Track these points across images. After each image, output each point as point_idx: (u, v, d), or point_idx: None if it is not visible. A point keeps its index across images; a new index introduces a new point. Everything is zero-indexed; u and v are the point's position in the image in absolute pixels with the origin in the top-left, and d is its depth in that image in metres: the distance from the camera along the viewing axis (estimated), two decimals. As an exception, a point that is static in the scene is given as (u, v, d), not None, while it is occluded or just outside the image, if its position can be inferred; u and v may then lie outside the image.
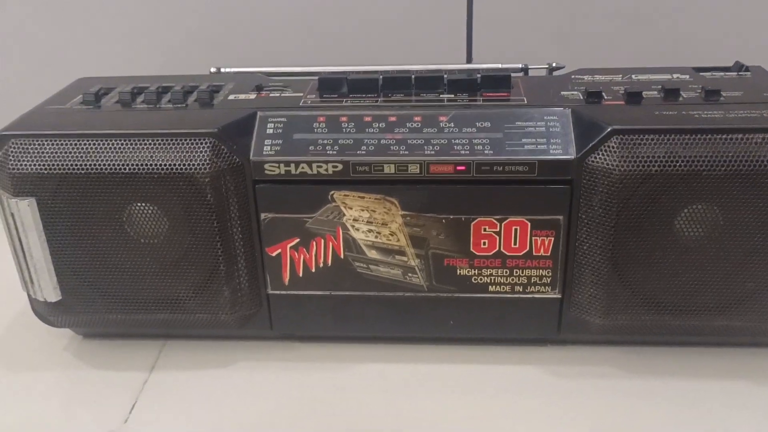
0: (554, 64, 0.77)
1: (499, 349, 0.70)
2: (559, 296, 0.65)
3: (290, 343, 0.72)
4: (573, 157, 0.60)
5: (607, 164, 0.59)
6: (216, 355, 0.71)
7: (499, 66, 0.76)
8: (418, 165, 0.61)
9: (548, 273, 0.64)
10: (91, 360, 0.71)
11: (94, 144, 0.63)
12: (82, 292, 0.67)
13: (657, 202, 0.60)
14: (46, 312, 0.69)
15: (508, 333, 0.69)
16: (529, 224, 0.63)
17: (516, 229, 0.63)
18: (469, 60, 0.89)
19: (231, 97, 0.69)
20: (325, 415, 0.63)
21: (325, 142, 0.63)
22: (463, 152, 0.61)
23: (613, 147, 0.59)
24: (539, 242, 0.63)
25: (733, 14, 0.91)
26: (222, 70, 0.79)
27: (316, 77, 0.70)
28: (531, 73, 0.76)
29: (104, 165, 0.62)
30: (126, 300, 0.68)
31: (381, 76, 0.68)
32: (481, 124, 0.63)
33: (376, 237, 0.64)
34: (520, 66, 0.76)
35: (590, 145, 0.60)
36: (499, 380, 0.66)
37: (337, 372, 0.68)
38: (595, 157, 0.59)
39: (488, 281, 0.65)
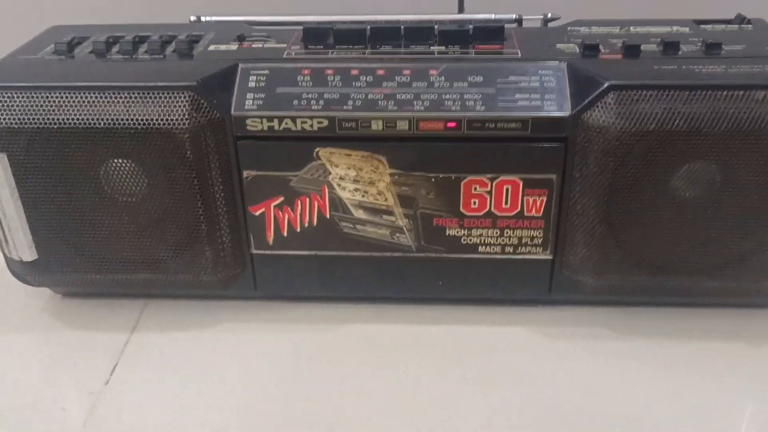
0: (549, 15, 0.73)
1: (489, 310, 0.68)
2: (550, 257, 0.64)
3: (275, 303, 0.70)
4: (568, 113, 0.58)
5: (604, 121, 0.57)
6: (199, 316, 0.69)
7: (492, 17, 0.73)
8: (406, 121, 0.59)
9: (540, 234, 0.63)
10: (71, 320, 0.69)
11: (67, 97, 0.60)
12: (59, 251, 0.65)
13: (654, 160, 0.58)
14: (22, 271, 0.67)
15: (498, 294, 0.67)
16: (521, 183, 0.61)
17: (507, 189, 0.61)
18: (460, 10, 0.85)
19: (211, 47, 0.66)
20: (311, 377, 0.62)
21: (310, 96, 0.60)
22: (454, 108, 0.59)
23: (609, 103, 0.57)
24: (531, 202, 0.61)
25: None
26: (202, 18, 0.76)
27: (301, 27, 0.67)
28: (525, 24, 0.73)
29: (78, 119, 0.59)
30: (105, 260, 0.66)
31: (369, 27, 0.65)
32: (473, 79, 0.60)
33: (363, 196, 0.62)
34: (513, 17, 0.73)
35: (586, 101, 0.57)
36: (489, 342, 0.65)
37: (322, 333, 0.67)
38: (591, 114, 0.57)
39: (478, 242, 0.63)
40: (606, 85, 0.57)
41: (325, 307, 0.69)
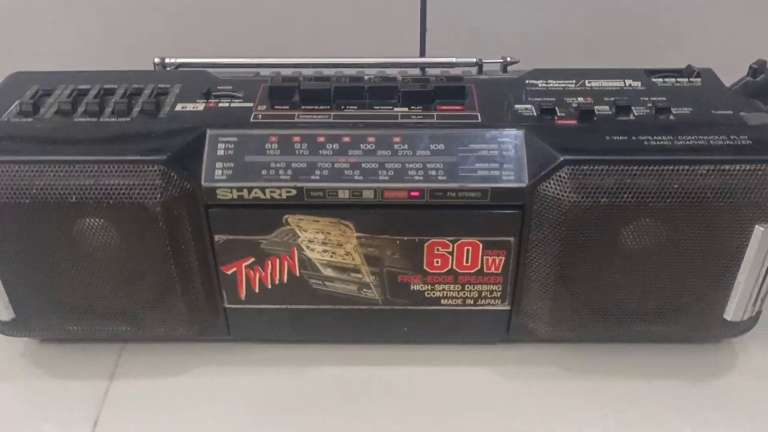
0: (509, 59, 0.75)
1: (452, 348, 0.72)
2: (508, 308, 0.68)
3: (249, 345, 0.73)
4: (525, 184, 0.61)
5: (558, 194, 0.60)
6: (175, 359, 0.72)
7: (453, 60, 0.75)
8: (372, 191, 0.61)
9: (498, 288, 0.66)
10: (50, 368, 0.72)
11: (36, 170, 0.60)
12: (36, 309, 0.67)
13: (604, 226, 0.62)
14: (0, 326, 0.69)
15: (458, 338, 0.72)
16: (481, 245, 0.64)
17: (468, 249, 0.64)
18: (422, 53, 0.86)
19: (178, 107, 0.66)
20: (285, 419, 0.66)
21: (278, 165, 0.62)
22: (417, 178, 0.61)
23: (564, 177, 0.60)
24: (490, 261, 0.65)
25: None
26: (167, 60, 0.76)
27: (267, 76, 0.68)
28: (486, 67, 0.75)
29: (48, 193, 0.60)
30: (82, 314, 0.68)
31: (333, 86, 0.66)
32: (435, 147, 0.62)
33: (332, 256, 0.65)
34: (474, 60, 0.75)
35: (542, 173, 0.60)
36: (451, 381, 0.70)
37: (296, 376, 0.71)
38: (547, 186, 0.60)
39: (441, 295, 0.67)
40: (561, 159, 0.60)
41: (297, 349, 0.73)
